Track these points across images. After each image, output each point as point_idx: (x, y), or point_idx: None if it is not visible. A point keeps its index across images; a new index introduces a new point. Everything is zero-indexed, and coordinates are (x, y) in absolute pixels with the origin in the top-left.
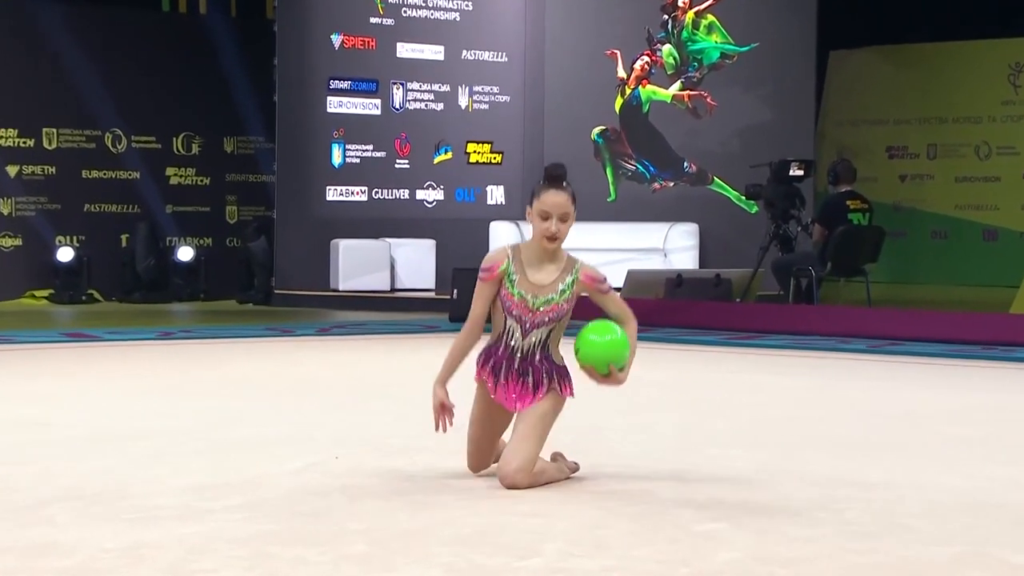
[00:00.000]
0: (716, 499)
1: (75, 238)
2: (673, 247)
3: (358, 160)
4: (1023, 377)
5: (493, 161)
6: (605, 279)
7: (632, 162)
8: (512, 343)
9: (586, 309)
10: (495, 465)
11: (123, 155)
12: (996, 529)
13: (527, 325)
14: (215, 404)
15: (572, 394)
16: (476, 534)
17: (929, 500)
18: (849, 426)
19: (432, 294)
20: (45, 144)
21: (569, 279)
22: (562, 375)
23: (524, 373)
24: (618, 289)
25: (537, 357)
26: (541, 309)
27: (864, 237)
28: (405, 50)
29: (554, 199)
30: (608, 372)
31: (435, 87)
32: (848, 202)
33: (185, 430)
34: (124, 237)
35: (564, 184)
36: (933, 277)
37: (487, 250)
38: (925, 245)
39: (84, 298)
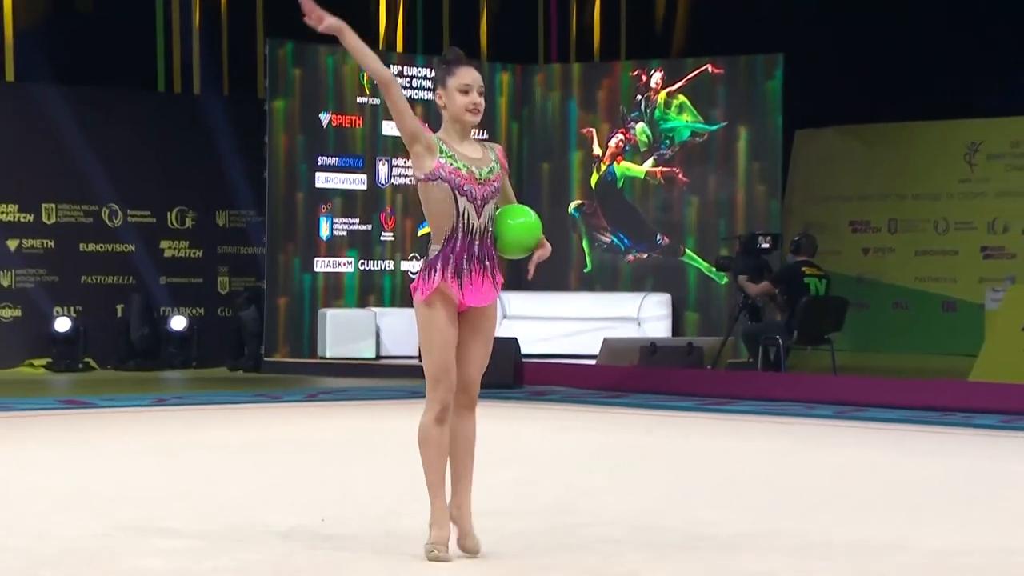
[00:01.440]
0: (690, 566)
1: (72, 308)
2: (647, 316)
3: (345, 233)
4: (982, 443)
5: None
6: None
7: (607, 235)
8: (471, 227)
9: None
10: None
11: (119, 229)
12: None
13: (478, 201)
14: (205, 468)
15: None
16: None
17: (897, 563)
18: (818, 490)
19: (416, 361)
20: (44, 219)
21: (491, 154)
22: (497, 259)
23: (483, 259)
24: (594, 357)
25: (488, 238)
26: (489, 179)
27: (829, 307)
28: (390, 128)
29: (472, 74)
30: (538, 246)
31: None
32: (804, 268)
33: (176, 493)
34: (119, 307)
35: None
36: (895, 346)
37: None
38: (887, 315)
39: (80, 366)
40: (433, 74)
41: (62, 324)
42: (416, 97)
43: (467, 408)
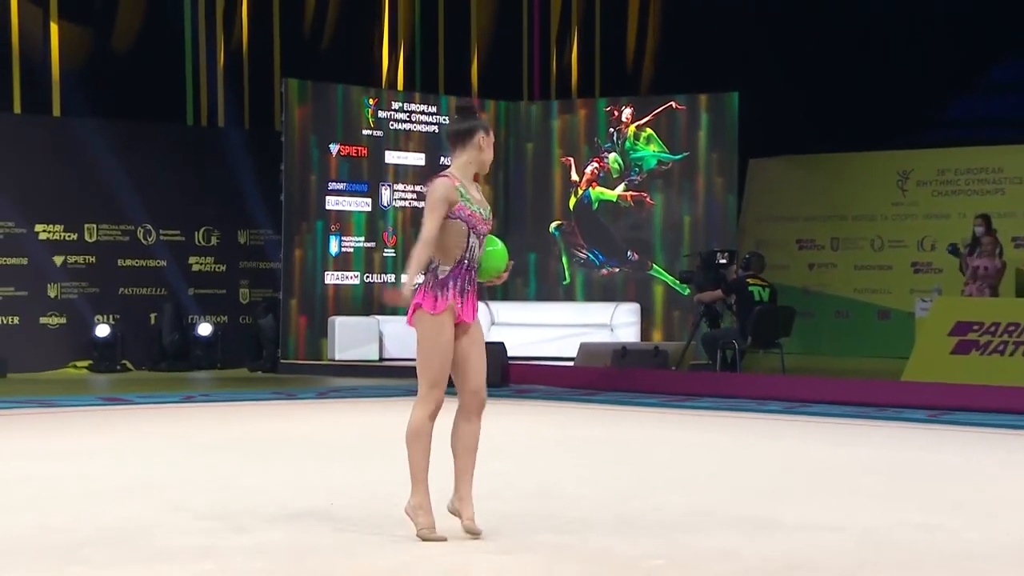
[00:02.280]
0: (655, 542)
1: (111, 317)
2: (619, 323)
3: (352, 249)
4: (912, 435)
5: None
6: None
7: (584, 251)
8: (471, 258)
9: None
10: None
11: (153, 246)
12: (891, 569)
13: (482, 237)
14: (229, 457)
15: None
16: (452, 570)
17: (834, 542)
18: (770, 476)
19: (414, 363)
20: (86, 237)
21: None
22: None
23: (473, 283)
24: (572, 359)
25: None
26: (489, 218)
27: (779, 316)
28: (392, 157)
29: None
30: (505, 270)
31: (417, 188)
32: (749, 279)
33: (204, 480)
34: (153, 316)
35: None
36: (836, 350)
37: None
38: (830, 323)
39: (118, 368)
40: (463, 116)
41: (102, 331)
42: (414, 130)
43: (476, 412)
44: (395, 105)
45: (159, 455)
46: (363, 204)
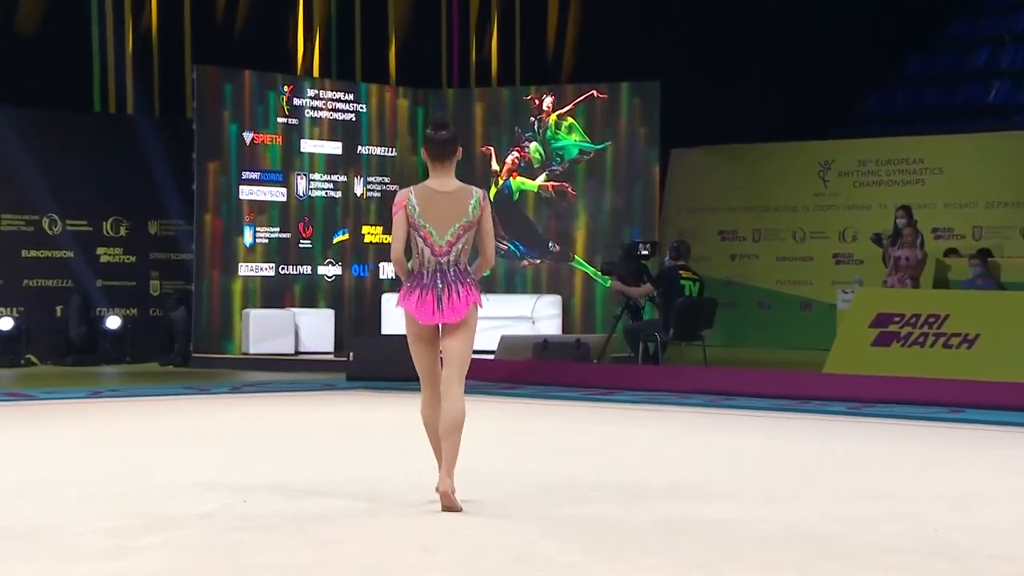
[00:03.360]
0: (576, 533)
1: (15, 309)
2: (540, 315)
3: (267, 240)
4: (833, 428)
5: (385, 241)
6: None
7: (505, 243)
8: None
9: None
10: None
11: (59, 237)
12: (812, 559)
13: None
14: (138, 453)
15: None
16: (370, 566)
17: (757, 533)
18: (689, 468)
19: (331, 356)
20: None
21: None
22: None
23: None
24: (492, 352)
25: None
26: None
27: (701, 307)
28: (308, 145)
29: None
30: None
31: (334, 177)
32: (681, 272)
33: (110, 476)
34: (59, 308)
35: None
36: (759, 341)
37: (380, 318)
38: (752, 314)
39: (23, 362)
40: (444, 128)
41: (5, 323)
42: (331, 118)
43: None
44: (310, 92)
45: (64, 453)
46: (278, 194)
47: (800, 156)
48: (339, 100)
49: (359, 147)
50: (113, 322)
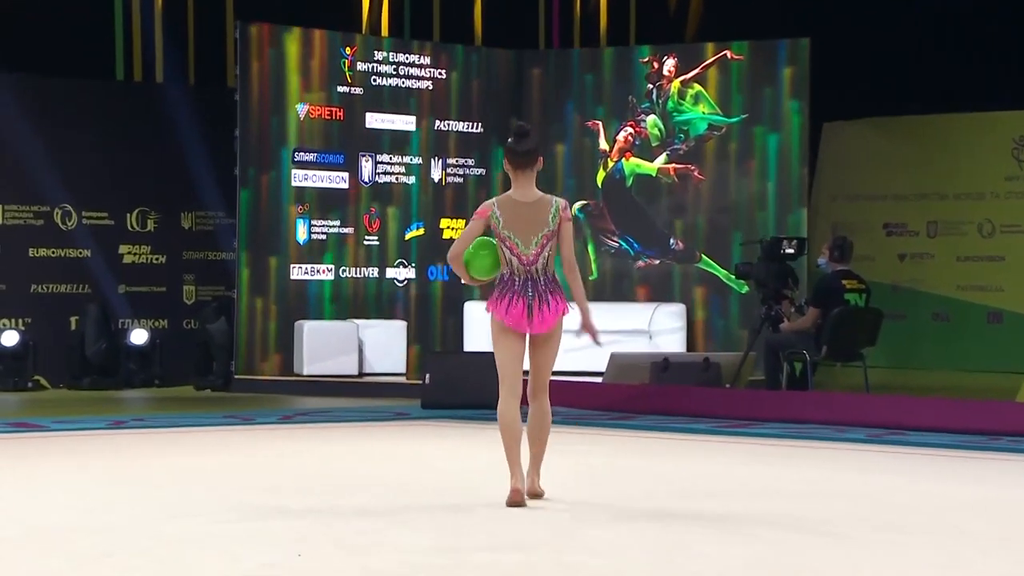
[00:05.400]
0: None
1: (20, 321)
2: (659, 329)
3: (324, 236)
4: None
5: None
6: None
7: (615, 239)
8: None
9: None
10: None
11: (73, 232)
12: None
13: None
14: (168, 498)
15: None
16: None
17: None
18: (851, 523)
19: (403, 379)
20: None
21: None
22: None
23: None
24: (600, 374)
25: None
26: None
27: (861, 319)
28: (375, 120)
29: None
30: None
31: (406, 159)
32: (844, 282)
33: (136, 526)
34: (73, 319)
35: None
36: (934, 362)
37: (462, 332)
38: (925, 328)
39: (30, 385)
40: (527, 136)
41: (9, 338)
42: (404, 86)
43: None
44: (378, 55)
45: (80, 495)
46: (338, 179)
47: (989, 130)
48: (413, 65)
49: (437, 123)
50: (139, 336)
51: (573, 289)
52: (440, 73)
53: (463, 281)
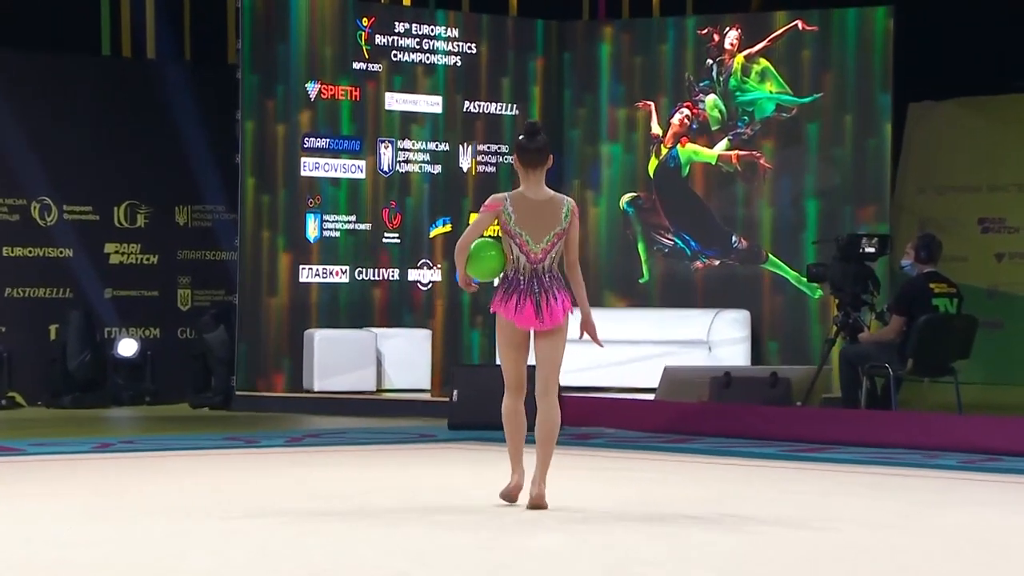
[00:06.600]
0: None
1: None
2: (719, 339)
3: (337, 233)
4: None
5: (499, 234)
6: None
7: (669, 236)
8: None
9: None
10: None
11: (53, 229)
12: None
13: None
14: (162, 530)
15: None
16: None
17: None
18: (946, 564)
19: (427, 395)
20: None
21: None
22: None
23: None
24: (652, 391)
25: None
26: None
27: (952, 328)
28: (395, 101)
29: None
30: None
31: (431, 145)
32: (932, 285)
33: (125, 563)
34: (53, 328)
35: None
36: None
37: (493, 341)
38: None
39: (4, 402)
40: (538, 133)
41: None
42: (428, 63)
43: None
44: (400, 27)
45: (62, 528)
46: (354, 169)
47: None
48: (439, 38)
49: (467, 104)
50: (127, 347)
51: (576, 289)
52: (470, 47)
53: (457, 277)
